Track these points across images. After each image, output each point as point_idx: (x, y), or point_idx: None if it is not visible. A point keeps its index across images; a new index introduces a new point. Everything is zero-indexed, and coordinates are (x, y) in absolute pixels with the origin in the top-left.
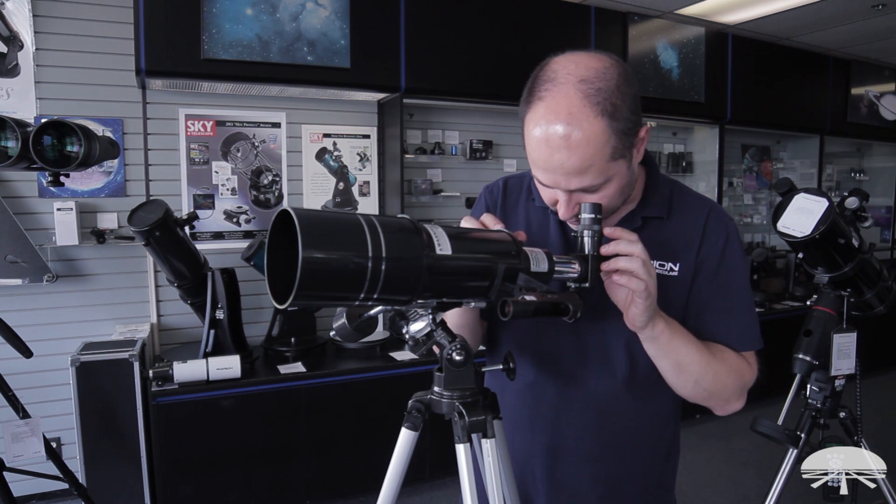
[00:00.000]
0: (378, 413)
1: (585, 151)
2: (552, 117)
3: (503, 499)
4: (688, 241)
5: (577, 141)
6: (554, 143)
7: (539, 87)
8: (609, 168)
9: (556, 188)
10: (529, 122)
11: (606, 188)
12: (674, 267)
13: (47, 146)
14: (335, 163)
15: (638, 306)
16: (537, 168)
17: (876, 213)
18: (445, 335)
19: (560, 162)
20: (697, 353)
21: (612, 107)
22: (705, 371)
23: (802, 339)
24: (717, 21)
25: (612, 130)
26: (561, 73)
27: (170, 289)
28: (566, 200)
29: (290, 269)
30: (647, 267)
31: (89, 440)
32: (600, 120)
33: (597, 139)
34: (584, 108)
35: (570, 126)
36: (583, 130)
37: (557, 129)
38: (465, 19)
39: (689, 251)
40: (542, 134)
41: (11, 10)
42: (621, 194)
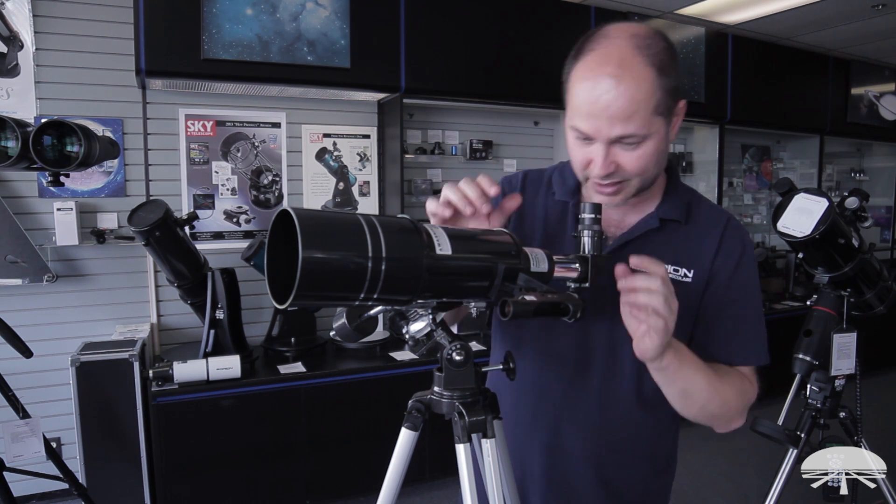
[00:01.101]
0: (378, 413)
1: (634, 94)
2: (604, 61)
3: (503, 499)
4: (703, 249)
5: (626, 83)
6: (603, 84)
7: (589, 42)
8: (652, 123)
9: (596, 138)
10: (578, 70)
11: (645, 146)
12: (688, 273)
13: (47, 146)
14: (335, 163)
15: (653, 341)
16: (580, 115)
17: (876, 213)
18: (445, 335)
19: (607, 103)
20: (705, 380)
21: (661, 62)
22: (711, 397)
23: (802, 339)
24: (717, 21)
25: (659, 83)
26: (612, 30)
27: (170, 289)
28: (604, 154)
29: (290, 269)
30: (668, 303)
31: (89, 440)
32: (650, 70)
33: (646, 85)
34: (635, 57)
35: (622, 69)
36: (633, 74)
37: (608, 70)
38: (465, 19)
39: (704, 259)
40: (591, 76)
41: (11, 10)
42: (656, 163)
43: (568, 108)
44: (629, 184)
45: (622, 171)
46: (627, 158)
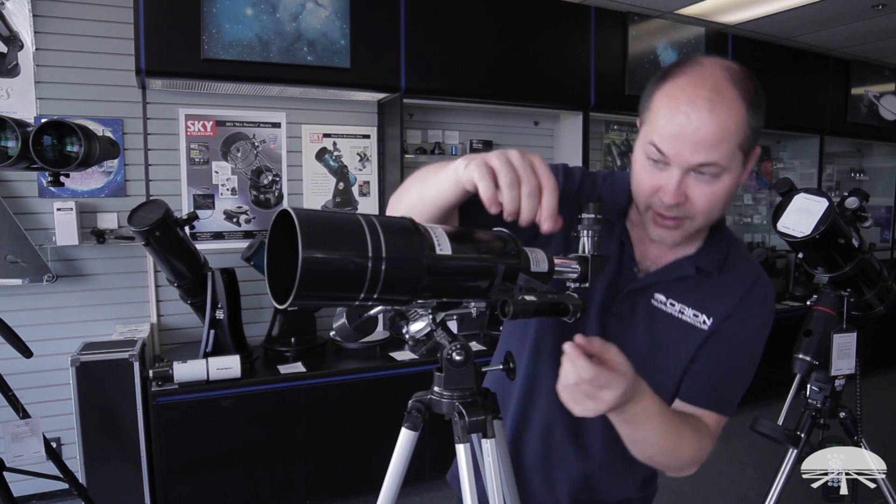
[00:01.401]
0: (378, 413)
1: (725, 122)
2: (698, 84)
3: (503, 499)
4: (725, 301)
5: (719, 109)
6: (697, 104)
7: (681, 66)
8: (733, 157)
9: (674, 163)
10: (666, 89)
11: (720, 181)
12: (707, 321)
13: (47, 146)
14: (335, 163)
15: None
16: (662, 136)
17: (876, 213)
18: (445, 335)
19: (696, 126)
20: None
21: (753, 100)
22: (661, 452)
23: (802, 339)
24: (717, 21)
25: (748, 118)
26: (705, 59)
27: (170, 289)
28: (678, 181)
29: (290, 269)
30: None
31: (89, 440)
32: (743, 104)
33: (737, 117)
34: (730, 87)
35: (716, 94)
36: (726, 102)
37: (703, 94)
38: (465, 19)
39: (724, 310)
40: (685, 97)
41: (11, 10)
42: (724, 204)
43: (646, 128)
44: (692, 222)
45: (690, 205)
46: (699, 192)
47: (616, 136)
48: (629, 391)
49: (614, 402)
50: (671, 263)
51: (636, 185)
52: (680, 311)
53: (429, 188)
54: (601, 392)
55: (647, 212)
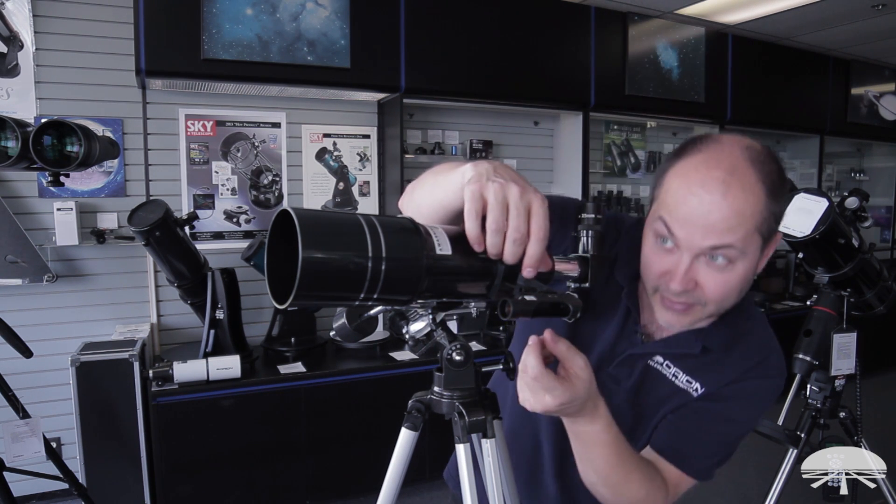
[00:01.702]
0: (378, 413)
1: (741, 206)
2: (714, 164)
3: (503, 499)
4: (724, 375)
5: (735, 192)
6: (710, 186)
7: (698, 143)
8: (749, 242)
9: (684, 245)
10: (680, 167)
11: (734, 269)
12: (699, 389)
13: (47, 146)
14: (335, 163)
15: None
16: (675, 219)
17: (876, 213)
18: (445, 335)
19: (708, 209)
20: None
21: (773, 183)
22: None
23: (802, 339)
24: (717, 21)
25: (767, 203)
26: (725, 137)
27: (170, 289)
28: (686, 267)
29: (290, 269)
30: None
31: (89, 440)
32: (761, 186)
33: (755, 201)
34: (748, 169)
35: (732, 176)
36: (744, 186)
37: (717, 175)
38: (465, 19)
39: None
40: (697, 177)
41: (11, 10)
42: (739, 292)
43: (657, 204)
44: (703, 308)
45: (699, 292)
46: (710, 279)
47: (616, 136)
48: (577, 405)
49: (554, 408)
50: (677, 335)
51: (644, 265)
52: (674, 374)
53: (439, 187)
54: (544, 393)
55: (655, 294)
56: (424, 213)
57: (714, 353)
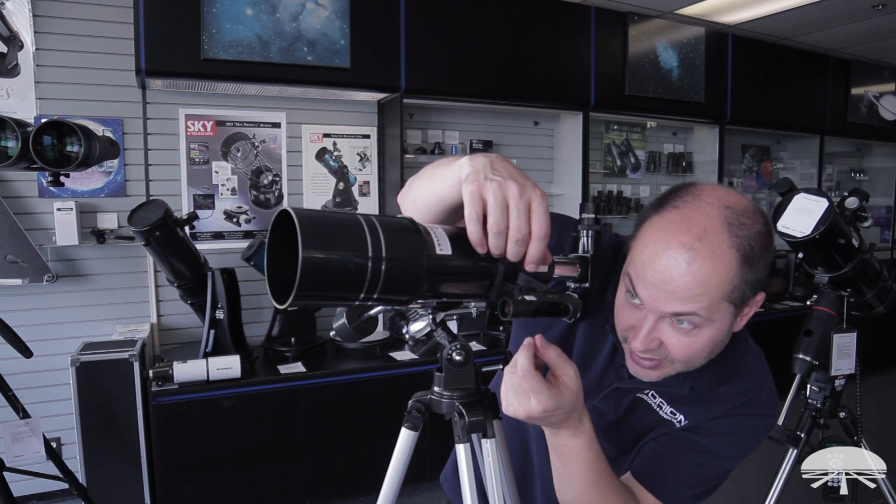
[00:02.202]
0: (378, 413)
1: (706, 275)
2: (683, 227)
3: (503, 499)
4: (710, 411)
5: (702, 260)
6: (675, 253)
7: (677, 197)
8: (717, 310)
9: (649, 308)
10: (652, 225)
11: (700, 333)
12: (683, 420)
13: (47, 146)
14: (335, 163)
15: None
16: (639, 279)
17: (876, 213)
18: (445, 335)
19: (671, 276)
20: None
21: (749, 248)
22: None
23: (802, 339)
24: (717, 21)
25: (739, 272)
26: (706, 192)
27: (170, 289)
28: (650, 328)
29: (290, 269)
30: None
31: (89, 440)
32: (733, 253)
33: (723, 270)
34: (721, 234)
35: (702, 242)
36: (712, 253)
37: (684, 240)
38: (465, 19)
39: (702, 416)
40: (664, 240)
41: (11, 10)
42: (708, 353)
43: (630, 256)
44: (672, 365)
45: (665, 350)
46: (675, 340)
47: (616, 136)
48: (562, 414)
49: (538, 414)
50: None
51: (615, 314)
52: (659, 405)
53: (436, 180)
54: (529, 397)
55: (625, 343)
56: (420, 207)
57: (701, 390)
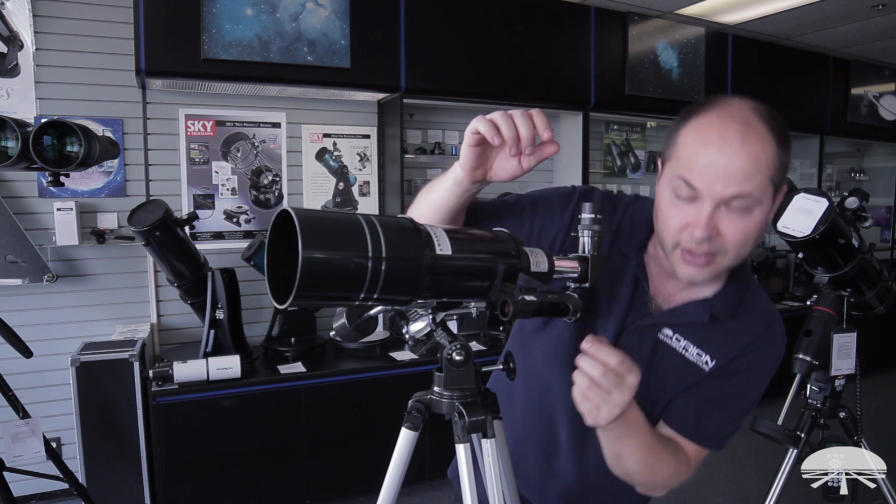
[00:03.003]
0: (378, 413)
1: (758, 154)
2: (727, 118)
3: (503, 499)
4: (732, 345)
5: (751, 142)
6: (729, 137)
7: (705, 104)
8: (765, 190)
9: (705, 196)
10: (695, 124)
11: (752, 215)
12: (709, 362)
13: (47, 146)
14: (335, 163)
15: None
16: (694, 170)
17: (876, 213)
18: (445, 335)
19: (728, 159)
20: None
21: (782, 133)
22: (640, 471)
23: (802, 339)
24: (717, 21)
25: (779, 153)
26: (732, 98)
27: (170, 289)
28: (709, 214)
29: (290, 269)
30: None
31: (89, 440)
32: (772, 139)
33: (770, 150)
34: (759, 122)
35: (747, 127)
36: (758, 135)
37: (733, 126)
38: (466, 19)
39: (729, 352)
40: (714, 131)
41: (11, 10)
42: (755, 240)
43: (671, 164)
44: (723, 258)
45: (721, 240)
46: (731, 226)
47: (616, 136)
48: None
49: (624, 404)
50: (685, 305)
51: (662, 223)
52: (685, 347)
53: (434, 192)
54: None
55: (675, 250)
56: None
57: (721, 321)
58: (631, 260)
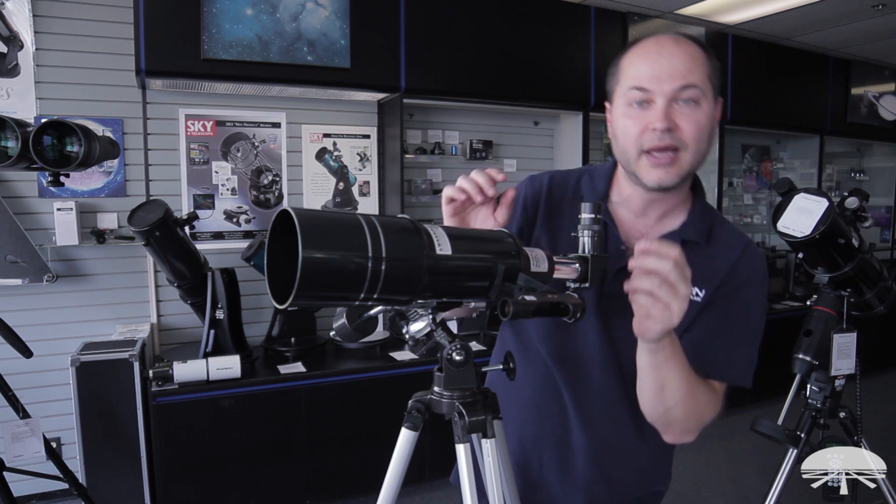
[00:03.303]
0: (378, 413)
1: (693, 52)
2: (659, 37)
3: (503, 499)
4: (717, 270)
5: (686, 44)
6: (664, 42)
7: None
8: (706, 84)
9: (657, 93)
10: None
11: (701, 108)
12: (699, 292)
13: (47, 146)
14: (335, 163)
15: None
16: (642, 76)
17: (876, 213)
18: (445, 335)
19: (669, 60)
20: (686, 380)
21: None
22: (684, 400)
23: (802, 339)
24: (717, 21)
25: (710, 59)
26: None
27: (170, 289)
28: (664, 107)
29: (290, 269)
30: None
31: (89, 440)
32: (700, 47)
33: (700, 52)
34: (685, 38)
35: (678, 38)
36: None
37: (666, 38)
38: (465, 19)
39: (714, 280)
40: (650, 43)
41: (11, 10)
42: (708, 136)
43: (621, 86)
44: (684, 155)
45: (679, 132)
46: (685, 119)
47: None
48: None
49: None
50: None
51: (623, 136)
52: None
53: None
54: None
55: (640, 158)
56: None
57: (697, 246)
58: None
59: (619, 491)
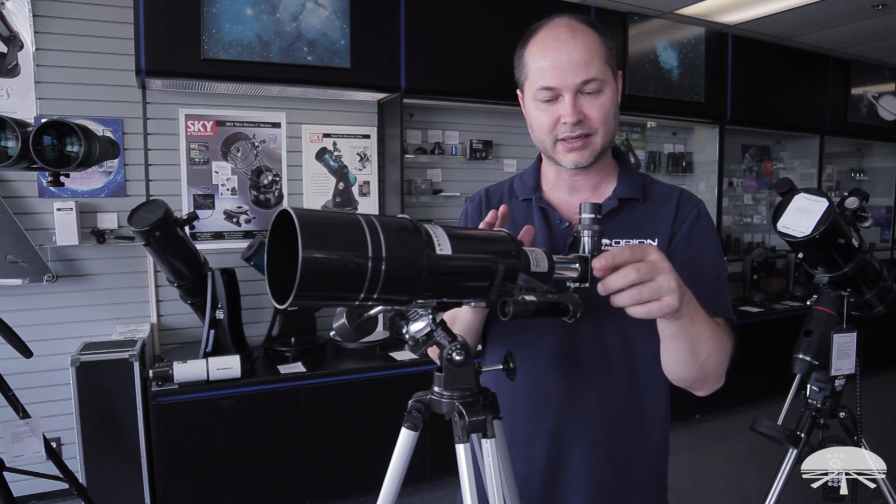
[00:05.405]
0: (378, 413)
1: (589, 43)
2: (555, 28)
3: (503, 499)
4: (662, 218)
5: (579, 35)
6: (560, 36)
7: (534, 27)
8: (606, 71)
9: (563, 89)
10: (532, 44)
11: (604, 94)
12: (652, 242)
13: (47, 146)
14: (335, 163)
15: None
16: (544, 74)
17: (876, 213)
18: (445, 335)
19: (568, 55)
20: (711, 327)
21: (601, 30)
22: (713, 349)
23: (802, 339)
24: (717, 21)
25: (604, 41)
26: (552, 17)
27: (170, 289)
28: (571, 102)
29: (290, 269)
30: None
31: (89, 440)
32: (594, 31)
33: (595, 38)
34: (580, 23)
35: (572, 27)
36: (582, 31)
37: (561, 28)
38: (466, 19)
39: (665, 226)
40: (548, 36)
41: (11, 10)
42: (614, 116)
43: (528, 83)
44: (595, 139)
45: (589, 121)
46: (591, 108)
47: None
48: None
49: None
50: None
51: (539, 129)
52: (626, 244)
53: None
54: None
55: (556, 145)
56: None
57: (637, 202)
58: (531, 199)
59: (617, 492)
